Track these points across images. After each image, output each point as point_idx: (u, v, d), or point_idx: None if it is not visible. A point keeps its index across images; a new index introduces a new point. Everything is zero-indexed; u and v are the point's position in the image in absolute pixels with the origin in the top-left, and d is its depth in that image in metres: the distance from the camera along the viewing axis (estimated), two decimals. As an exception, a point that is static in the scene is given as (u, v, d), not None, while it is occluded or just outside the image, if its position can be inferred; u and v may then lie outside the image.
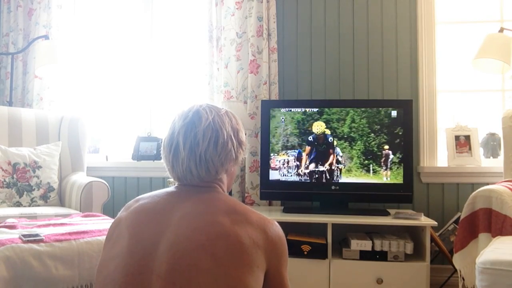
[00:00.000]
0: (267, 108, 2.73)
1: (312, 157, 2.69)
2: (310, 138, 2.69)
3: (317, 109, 2.68)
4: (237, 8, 3.05)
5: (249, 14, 3.03)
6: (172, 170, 1.20)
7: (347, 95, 3.05)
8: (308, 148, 2.69)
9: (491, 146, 2.92)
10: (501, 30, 2.72)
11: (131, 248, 1.08)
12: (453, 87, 3.05)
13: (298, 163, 2.70)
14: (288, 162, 2.70)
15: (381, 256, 2.40)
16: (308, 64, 3.10)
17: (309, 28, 3.11)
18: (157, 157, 3.21)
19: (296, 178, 2.69)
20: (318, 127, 2.67)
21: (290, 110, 2.71)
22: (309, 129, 2.69)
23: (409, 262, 2.38)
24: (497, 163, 2.86)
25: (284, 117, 2.71)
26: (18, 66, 3.35)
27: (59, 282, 1.54)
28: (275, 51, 3.02)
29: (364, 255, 2.40)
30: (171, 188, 1.22)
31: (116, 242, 1.13)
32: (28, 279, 1.48)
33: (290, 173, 2.70)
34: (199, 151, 1.16)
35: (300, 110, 2.70)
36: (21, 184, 2.69)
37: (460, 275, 2.14)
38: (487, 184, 2.40)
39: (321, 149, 2.68)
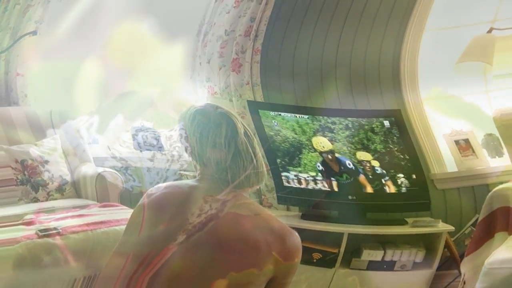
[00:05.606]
0: (255, 108, 2.70)
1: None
2: (319, 166, 2.58)
3: (307, 116, 2.61)
4: (234, 7, 3.03)
5: (243, 14, 3.01)
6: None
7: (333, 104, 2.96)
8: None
9: (493, 146, 2.87)
10: (490, 30, 2.65)
11: (145, 240, 1.08)
12: (437, 94, 3.02)
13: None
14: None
15: (388, 266, 2.38)
16: (291, 67, 3.04)
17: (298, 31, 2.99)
18: (160, 148, 3.19)
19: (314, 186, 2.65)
20: (321, 143, 2.56)
21: (280, 115, 2.66)
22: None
23: (414, 270, 2.37)
24: (504, 162, 2.77)
25: (276, 122, 2.65)
26: (1, 66, 3.23)
27: (65, 274, 1.57)
28: (258, 53, 2.99)
29: (372, 265, 2.39)
30: (192, 181, 1.20)
31: (134, 232, 1.12)
32: (33, 276, 1.50)
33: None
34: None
35: (291, 116, 2.63)
36: (35, 179, 2.66)
37: (462, 279, 2.08)
38: (502, 183, 2.29)
39: (345, 182, 2.59)
